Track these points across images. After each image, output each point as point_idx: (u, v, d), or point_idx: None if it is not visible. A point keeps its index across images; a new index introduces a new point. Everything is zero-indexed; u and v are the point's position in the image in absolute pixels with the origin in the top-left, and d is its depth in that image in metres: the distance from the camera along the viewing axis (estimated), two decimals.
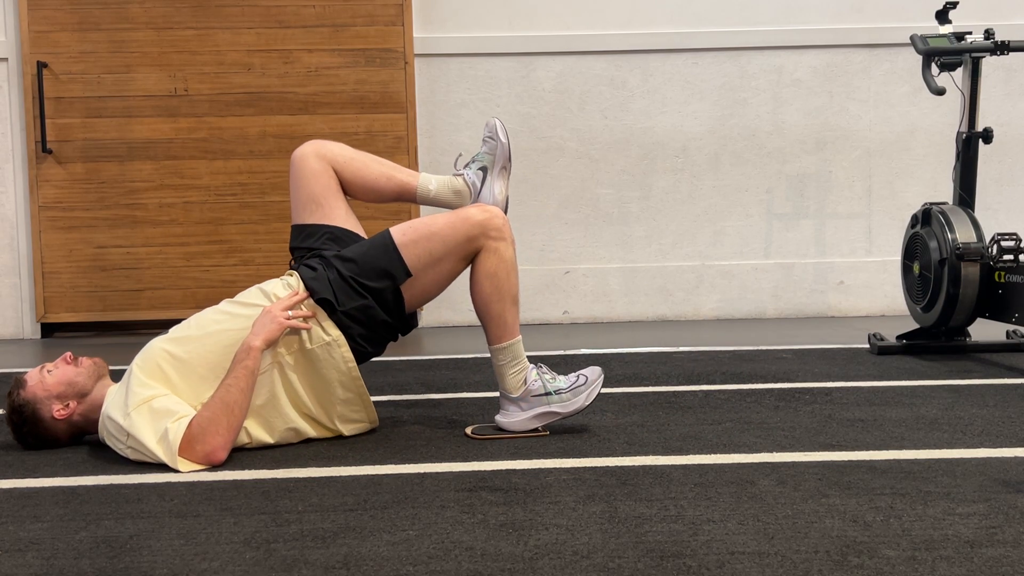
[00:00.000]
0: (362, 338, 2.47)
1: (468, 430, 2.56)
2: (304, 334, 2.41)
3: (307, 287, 2.44)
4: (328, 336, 2.42)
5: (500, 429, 2.53)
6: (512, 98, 4.92)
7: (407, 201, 2.67)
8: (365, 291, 2.44)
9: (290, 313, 2.38)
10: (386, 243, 2.47)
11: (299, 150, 2.62)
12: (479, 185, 2.64)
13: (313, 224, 2.59)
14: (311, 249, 2.56)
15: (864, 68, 4.98)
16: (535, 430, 2.52)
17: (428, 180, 2.64)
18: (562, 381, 2.52)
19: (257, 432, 2.41)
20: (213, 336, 2.39)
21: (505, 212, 2.66)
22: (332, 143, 2.65)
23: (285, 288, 2.46)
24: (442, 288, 2.54)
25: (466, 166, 2.67)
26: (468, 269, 2.53)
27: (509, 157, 2.66)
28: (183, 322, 2.47)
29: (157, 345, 2.40)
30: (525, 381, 2.50)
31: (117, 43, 4.74)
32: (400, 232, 2.48)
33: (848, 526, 1.78)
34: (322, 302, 2.43)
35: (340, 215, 2.61)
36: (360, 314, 2.44)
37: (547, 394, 2.49)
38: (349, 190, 2.64)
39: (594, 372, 2.54)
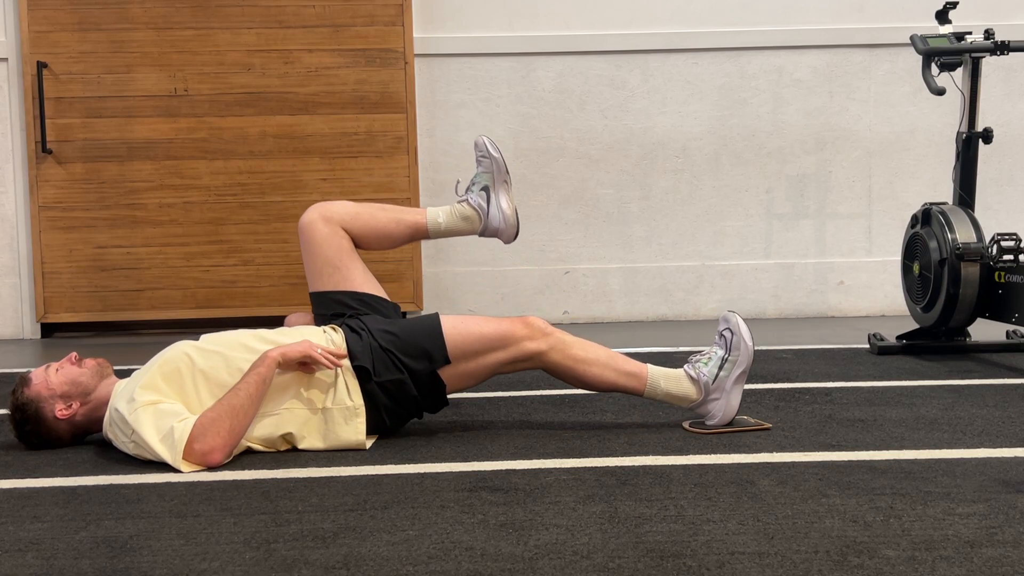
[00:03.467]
0: (387, 411, 2.45)
1: (685, 424, 2.56)
2: (328, 393, 2.40)
3: (349, 349, 2.43)
4: (351, 402, 2.40)
5: (718, 426, 2.52)
6: (512, 98, 4.92)
7: (420, 239, 2.67)
8: (402, 367, 2.43)
9: (321, 349, 2.37)
10: (433, 326, 2.46)
11: (305, 217, 2.62)
12: (485, 205, 2.65)
13: (335, 291, 2.59)
14: (345, 315, 2.56)
15: (864, 68, 4.98)
16: (744, 423, 2.52)
17: (436, 214, 2.65)
18: (717, 350, 2.52)
19: (258, 447, 2.41)
20: (237, 362, 2.37)
21: (517, 223, 2.66)
22: (334, 203, 2.66)
23: (328, 343, 2.45)
24: (477, 383, 2.54)
25: (467, 190, 2.68)
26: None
27: (506, 170, 2.67)
28: (217, 334, 2.46)
29: (182, 348, 2.39)
30: (696, 380, 2.50)
31: (117, 43, 4.74)
32: (450, 322, 2.48)
33: (848, 526, 1.78)
34: (359, 369, 2.41)
35: (358, 278, 2.61)
36: (393, 387, 2.43)
37: (720, 370, 2.49)
38: (361, 243, 2.65)
39: (731, 319, 2.53)
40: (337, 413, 2.40)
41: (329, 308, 2.60)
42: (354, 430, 2.39)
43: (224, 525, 1.87)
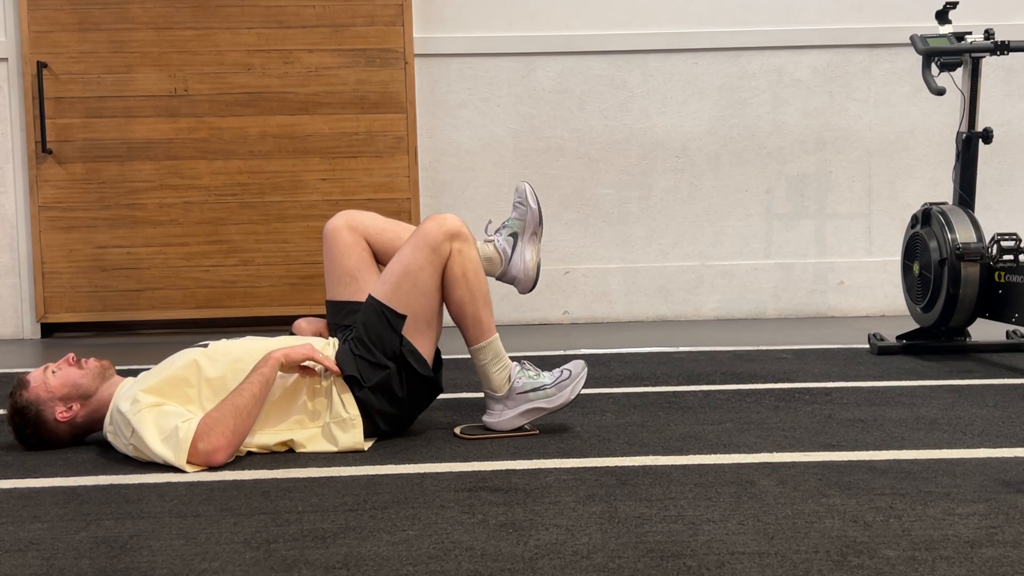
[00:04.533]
0: (383, 417, 2.46)
1: (457, 430, 2.56)
2: (326, 409, 2.41)
3: (338, 363, 2.44)
4: (346, 413, 2.41)
5: (488, 429, 2.53)
6: (512, 98, 4.92)
7: None
8: (381, 357, 2.43)
9: (323, 355, 2.38)
10: (373, 306, 2.47)
11: (331, 223, 2.64)
12: (510, 251, 2.66)
13: (350, 301, 2.60)
14: (351, 326, 2.57)
15: (864, 68, 4.98)
16: (522, 428, 2.53)
17: None
18: (546, 377, 2.52)
19: (255, 450, 2.41)
20: (243, 369, 2.37)
21: (536, 277, 2.68)
22: (362, 213, 2.68)
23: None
24: (440, 315, 2.53)
25: (496, 232, 2.69)
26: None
27: (540, 222, 2.68)
28: (226, 342, 2.47)
29: (192, 356, 2.40)
30: (510, 379, 2.50)
31: (117, 43, 4.74)
32: (380, 286, 2.49)
33: (848, 526, 1.78)
34: (349, 379, 2.43)
35: None
36: (384, 385, 2.43)
37: (532, 391, 2.50)
38: (381, 259, 2.67)
39: (577, 366, 2.55)
40: (335, 426, 2.41)
41: (342, 318, 2.62)
42: (352, 437, 2.41)
43: (224, 525, 1.87)
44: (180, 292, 4.80)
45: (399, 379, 2.44)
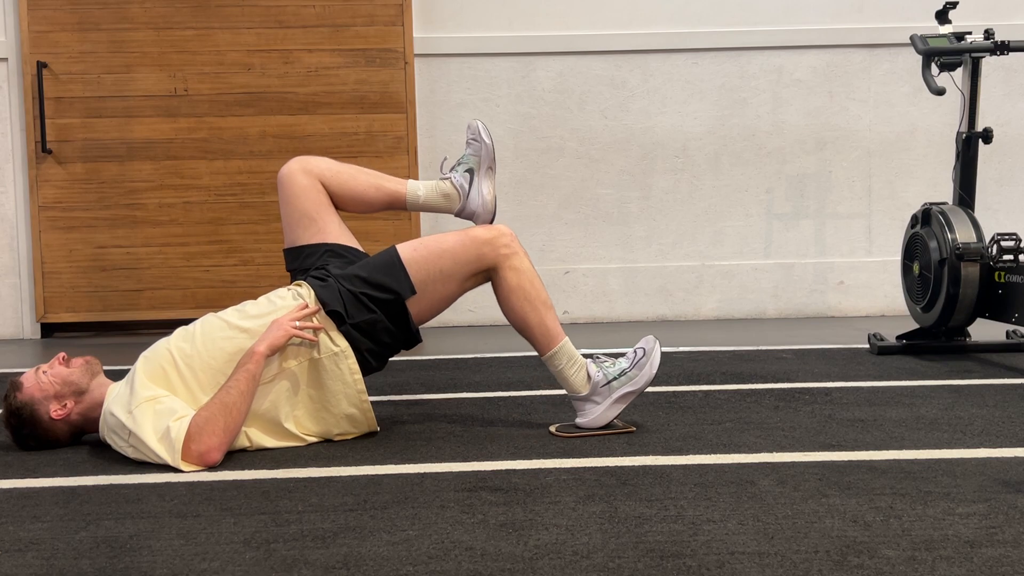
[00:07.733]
0: (369, 352, 2.48)
1: (552, 428, 2.55)
2: (312, 346, 2.41)
3: (318, 298, 2.44)
4: (336, 347, 2.42)
5: (581, 429, 2.52)
6: (512, 98, 4.92)
7: (397, 209, 2.69)
8: (374, 305, 2.44)
9: (298, 324, 2.38)
10: (392, 260, 2.47)
11: (285, 168, 2.63)
12: (467, 187, 2.66)
13: (310, 244, 2.60)
14: (314, 268, 2.57)
15: (864, 68, 4.98)
16: (612, 426, 2.51)
17: (416, 187, 2.65)
18: (623, 362, 2.53)
19: (258, 437, 2.42)
20: (218, 343, 2.39)
21: (495, 210, 2.68)
22: (316, 158, 2.67)
23: (295, 298, 2.46)
24: (449, 304, 2.54)
25: (452, 169, 2.69)
26: (492, 292, 2.53)
27: (494, 157, 2.69)
28: (190, 325, 2.47)
29: (162, 347, 2.40)
30: (589, 377, 2.50)
31: (117, 43, 4.74)
32: (410, 248, 2.49)
33: (848, 526, 1.78)
34: (332, 314, 2.43)
35: (335, 230, 2.62)
36: (368, 328, 2.45)
37: (615, 379, 2.50)
38: (338, 203, 2.66)
39: (649, 341, 2.55)
40: (327, 361, 2.41)
41: (302, 261, 2.61)
42: (348, 370, 2.41)
43: (224, 525, 1.87)
44: (180, 292, 4.80)
45: (384, 324, 2.46)
